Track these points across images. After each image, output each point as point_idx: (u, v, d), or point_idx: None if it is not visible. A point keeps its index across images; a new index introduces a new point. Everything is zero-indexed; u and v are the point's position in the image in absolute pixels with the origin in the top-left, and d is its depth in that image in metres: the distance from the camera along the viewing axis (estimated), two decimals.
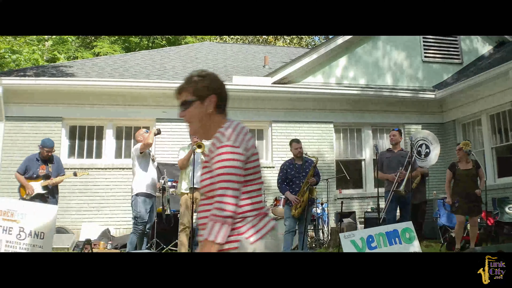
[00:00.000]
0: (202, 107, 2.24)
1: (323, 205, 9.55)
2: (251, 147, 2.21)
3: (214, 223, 2.02)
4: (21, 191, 7.07)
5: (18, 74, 10.26)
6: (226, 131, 2.17)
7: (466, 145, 7.51)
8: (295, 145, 7.11)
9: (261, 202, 2.27)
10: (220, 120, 2.27)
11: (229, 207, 2.02)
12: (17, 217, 4.75)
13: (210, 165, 2.14)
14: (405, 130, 11.69)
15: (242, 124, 2.28)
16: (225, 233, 2.03)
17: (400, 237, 4.83)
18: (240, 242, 2.09)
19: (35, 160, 7.19)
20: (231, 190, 2.05)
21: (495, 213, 8.74)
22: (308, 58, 11.04)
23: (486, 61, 11.81)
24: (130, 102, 10.22)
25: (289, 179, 6.98)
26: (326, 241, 8.96)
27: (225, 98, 2.36)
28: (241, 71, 12.28)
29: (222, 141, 2.12)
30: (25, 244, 4.66)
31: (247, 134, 2.23)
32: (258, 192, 2.26)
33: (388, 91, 11.41)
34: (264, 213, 2.26)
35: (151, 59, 12.74)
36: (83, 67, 11.60)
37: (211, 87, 2.27)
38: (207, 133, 2.29)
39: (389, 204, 7.28)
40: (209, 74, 2.32)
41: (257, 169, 2.28)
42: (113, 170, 9.86)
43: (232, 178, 2.06)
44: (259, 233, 2.15)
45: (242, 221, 2.10)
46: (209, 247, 2.03)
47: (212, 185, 2.10)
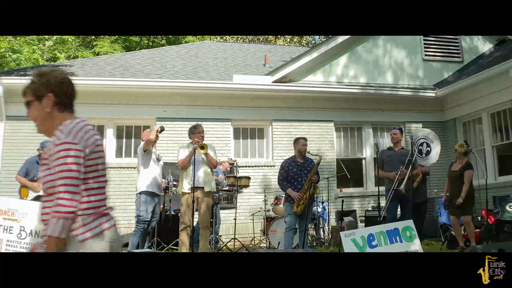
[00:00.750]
0: (40, 106, 2.26)
1: (323, 203, 9.55)
2: (92, 144, 2.23)
3: (56, 219, 2.05)
4: (21, 192, 7.04)
5: (18, 74, 10.26)
6: (65, 128, 2.18)
7: (460, 146, 7.58)
8: (302, 142, 7.08)
9: (101, 201, 2.30)
10: (63, 118, 2.27)
11: (70, 203, 2.06)
12: (18, 217, 4.76)
13: (49, 162, 2.17)
14: (405, 129, 11.68)
15: (86, 121, 2.29)
16: (67, 228, 2.07)
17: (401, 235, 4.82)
18: (69, 239, 2.12)
19: (35, 163, 7.16)
20: (71, 186, 2.09)
21: (496, 212, 8.73)
22: (309, 57, 11.04)
23: (486, 59, 11.80)
24: (131, 101, 10.22)
25: (291, 177, 6.94)
26: (327, 239, 8.96)
27: (68, 95, 2.34)
28: (241, 70, 12.28)
29: (60, 138, 2.15)
30: (25, 244, 4.67)
31: (89, 132, 2.24)
32: (98, 190, 2.30)
33: (389, 90, 11.41)
34: (102, 213, 2.27)
35: (151, 58, 12.74)
36: (84, 66, 11.60)
37: (48, 86, 2.26)
38: (49, 132, 2.30)
39: (389, 202, 7.28)
40: (48, 72, 2.32)
41: (99, 167, 2.31)
42: (114, 169, 9.85)
43: (72, 175, 2.10)
44: (90, 232, 2.17)
45: (75, 218, 2.13)
46: (52, 243, 2.06)
47: (52, 181, 2.13)
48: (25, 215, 4.79)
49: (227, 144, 10.55)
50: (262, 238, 9.24)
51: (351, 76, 11.71)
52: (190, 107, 10.40)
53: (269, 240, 8.38)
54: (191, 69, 11.92)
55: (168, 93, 10.28)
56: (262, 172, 10.55)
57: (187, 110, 10.33)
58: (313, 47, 11.46)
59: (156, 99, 10.30)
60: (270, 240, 8.36)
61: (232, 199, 8.46)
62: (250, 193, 10.08)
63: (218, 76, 11.32)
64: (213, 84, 10.46)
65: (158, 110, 10.29)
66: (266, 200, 9.18)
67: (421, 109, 11.82)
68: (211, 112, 10.44)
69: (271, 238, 8.33)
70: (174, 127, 9.95)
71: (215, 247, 8.08)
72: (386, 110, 11.58)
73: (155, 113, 10.32)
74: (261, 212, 9.43)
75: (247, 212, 9.97)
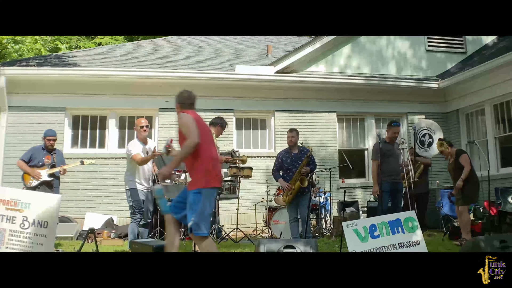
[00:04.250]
0: None
1: (326, 194, 9.57)
2: None
3: None
4: (24, 178, 7.08)
5: (21, 64, 10.26)
6: None
7: (440, 146, 7.63)
8: (288, 134, 7.33)
9: None
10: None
11: None
12: (21, 207, 4.77)
13: None
14: (408, 120, 11.67)
15: None
16: None
17: (403, 226, 4.82)
18: None
19: (40, 150, 7.23)
20: None
21: (498, 203, 8.73)
22: (311, 47, 11.00)
23: (490, 51, 11.75)
24: (133, 92, 10.21)
25: (285, 168, 7.16)
26: (329, 230, 8.98)
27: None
28: (244, 60, 12.25)
29: None
30: (28, 233, 4.68)
31: None
32: None
33: (392, 81, 11.38)
34: None
35: (153, 49, 12.72)
36: (86, 56, 11.59)
37: None
38: None
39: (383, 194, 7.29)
40: None
41: None
42: (117, 160, 9.88)
43: None
44: None
45: None
46: None
47: None
48: (28, 205, 4.80)
49: (229, 135, 10.54)
50: (264, 228, 9.28)
51: (354, 66, 11.68)
52: None
53: (271, 230, 8.41)
54: (193, 60, 11.89)
55: (171, 83, 10.25)
56: (265, 163, 10.56)
57: None
58: (316, 37, 11.39)
59: (159, 90, 10.29)
60: (272, 230, 8.38)
61: (234, 190, 8.49)
62: (252, 184, 10.09)
63: (220, 67, 11.30)
64: (215, 74, 10.44)
65: (161, 100, 10.28)
66: (268, 190, 9.20)
67: (424, 100, 11.78)
68: (213, 102, 10.42)
69: (273, 228, 8.36)
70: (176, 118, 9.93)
71: (218, 237, 8.12)
72: (389, 101, 11.55)
73: (158, 104, 10.32)
74: (263, 202, 9.45)
75: (249, 203, 9.99)
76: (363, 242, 4.70)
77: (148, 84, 10.24)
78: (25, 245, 4.68)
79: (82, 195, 9.65)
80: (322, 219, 9.34)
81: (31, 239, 4.69)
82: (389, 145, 7.50)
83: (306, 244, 4.55)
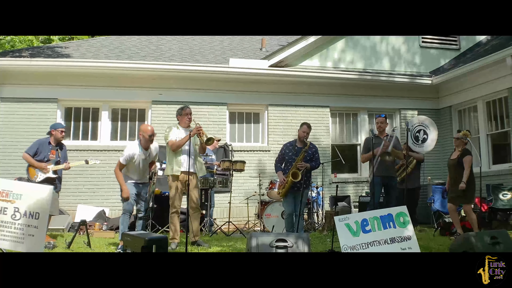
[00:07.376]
0: None
1: (318, 188, 9.60)
2: None
3: None
4: (30, 172, 6.93)
5: (13, 55, 10.18)
6: None
7: (464, 135, 7.56)
8: (303, 128, 7.11)
9: None
10: None
11: None
12: (12, 197, 4.74)
13: None
14: (401, 115, 11.72)
15: None
16: None
17: (395, 221, 4.84)
18: None
19: (47, 144, 7.02)
20: None
21: (489, 200, 8.80)
22: (305, 42, 10.98)
23: (483, 47, 11.78)
24: (126, 84, 10.17)
25: (286, 160, 7.08)
26: (321, 224, 9.01)
27: None
28: (238, 53, 12.21)
29: None
30: (19, 224, 4.66)
31: None
32: None
33: (385, 76, 11.39)
34: None
35: (147, 41, 12.64)
36: (79, 48, 11.51)
37: None
38: None
39: (374, 188, 7.34)
40: None
41: None
42: (109, 152, 9.84)
43: None
44: None
45: None
46: None
47: None
48: (19, 196, 4.78)
49: (222, 128, 10.54)
50: (256, 221, 9.29)
51: (348, 61, 11.68)
52: (186, 90, 10.36)
53: (263, 224, 8.42)
54: (187, 52, 11.84)
55: (164, 76, 10.23)
56: (257, 157, 10.56)
57: (182, 93, 10.28)
58: None
59: (152, 82, 10.25)
60: (264, 224, 8.40)
61: (227, 183, 8.49)
62: (245, 177, 10.10)
63: (214, 60, 11.26)
64: (209, 67, 10.40)
65: (154, 93, 10.26)
66: (261, 184, 9.21)
67: (417, 96, 11.82)
68: (207, 96, 10.40)
69: (266, 222, 8.37)
70: (169, 111, 9.90)
71: (210, 230, 8.12)
72: (382, 97, 11.58)
73: (151, 96, 10.29)
74: (255, 196, 9.47)
75: (241, 196, 10.00)
76: (355, 236, 4.72)
77: (141, 76, 10.19)
78: (17, 236, 4.65)
79: (74, 187, 9.60)
80: (314, 213, 9.37)
81: (22, 230, 4.67)
82: (379, 138, 7.56)
83: (297, 237, 4.55)
